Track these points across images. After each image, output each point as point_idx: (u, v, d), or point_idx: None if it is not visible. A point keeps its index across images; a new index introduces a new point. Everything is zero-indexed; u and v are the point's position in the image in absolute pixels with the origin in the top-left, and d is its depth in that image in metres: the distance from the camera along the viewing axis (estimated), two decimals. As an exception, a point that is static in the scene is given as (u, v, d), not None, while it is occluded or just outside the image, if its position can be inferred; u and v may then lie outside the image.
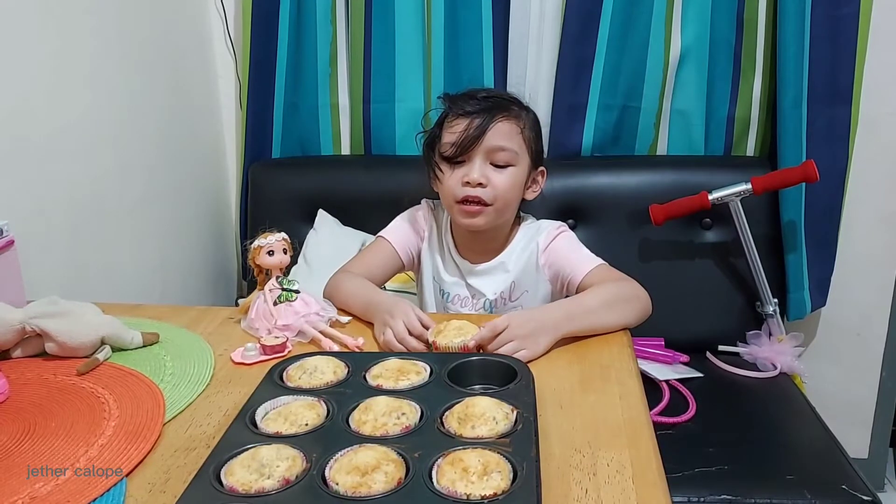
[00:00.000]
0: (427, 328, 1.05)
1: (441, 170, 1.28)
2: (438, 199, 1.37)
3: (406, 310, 1.07)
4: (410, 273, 1.49)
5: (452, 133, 1.25)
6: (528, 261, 1.32)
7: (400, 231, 1.39)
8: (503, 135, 1.24)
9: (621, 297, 1.14)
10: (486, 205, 1.25)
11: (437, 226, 1.39)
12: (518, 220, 1.37)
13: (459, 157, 1.25)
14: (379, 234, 1.41)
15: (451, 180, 1.26)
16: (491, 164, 1.25)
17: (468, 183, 1.24)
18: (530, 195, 1.33)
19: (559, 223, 1.36)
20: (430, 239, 1.39)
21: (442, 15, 1.78)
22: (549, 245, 1.31)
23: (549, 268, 1.31)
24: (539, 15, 1.84)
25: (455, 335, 1.02)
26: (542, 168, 1.34)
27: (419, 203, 1.42)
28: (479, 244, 1.34)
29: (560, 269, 1.29)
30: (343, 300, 1.20)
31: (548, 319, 1.05)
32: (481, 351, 1.00)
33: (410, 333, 1.05)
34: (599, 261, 1.26)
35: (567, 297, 1.26)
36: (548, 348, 1.03)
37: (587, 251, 1.29)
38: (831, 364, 1.97)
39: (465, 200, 1.25)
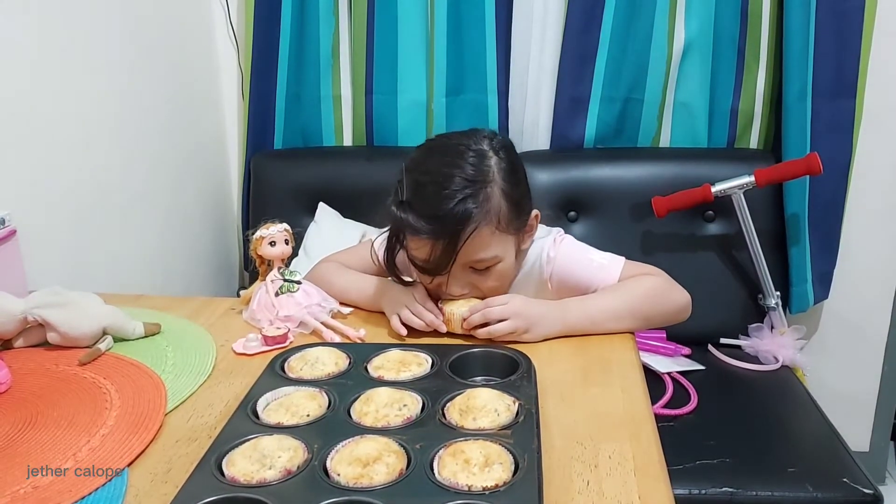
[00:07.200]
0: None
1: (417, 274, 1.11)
2: None
3: (418, 291, 1.08)
4: None
5: (417, 250, 1.06)
6: (533, 291, 1.17)
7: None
8: (477, 248, 1.04)
9: (634, 311, 1.06)
10: None
11: None
12: None
13: (434, 275, 1.07)
14: (373, 238, 1.28)
15: (431, 285, 1.10)
16: (472, 268, 1.07)
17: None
18: (526, 244, 1.16)
19: (553, 235, 1.19)
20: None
21: (445, 5, 1.77)
22: (553, 271, 1.15)
23: (560, 293, 1.15)
24: (542, 6, 1.84)
25: (461, 304, 1.05)
26: (534, 213, 1.14)
27: None
28: None
29: (578, 289, 1.13)
30: (340, 290, 1.17)
31: (548, 315, 1.04)
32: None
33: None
34: (620, 262, 1.13)
35: None
36: (536, 340, 1.02)
37: (599, 257, 1.15)
38: (833, 357, 1.97)
39: None
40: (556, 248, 1.16)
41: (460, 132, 1.13)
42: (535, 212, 1.15)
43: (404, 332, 1.04)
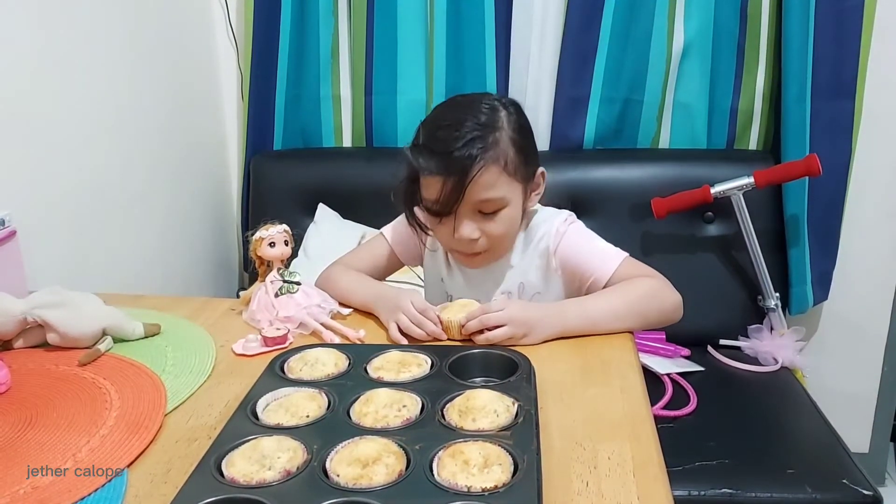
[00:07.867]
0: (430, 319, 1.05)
1: (427, 220, 1.17)
2: None
3: (415, 298, 1.08)
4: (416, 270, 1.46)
5: (428, 191, 1.11)
6: (539, 263, 1.21)
7: (400, 231, 1.31)
8: (485, 186, 1.08)
9: (633, 310, 1.08)
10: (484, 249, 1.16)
11: None
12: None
13: (443, 215, 1.13)
14: (381, 230, 1.34)
15: (440, 233, 1.16)
16: (480, 212, 1.12)
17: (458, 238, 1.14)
18: (533, 203, 1.20)
19: (565, 214, 1.22)
20: (433, 244, 1.30)
21: (444, 5, 1.77)
22: (560, 245, 1.18)
23: (563, 270, 1.19)
24: (542, 6, 1.84)
25: (458, 310, 1.05)
26: (540, 170, 1.19)
27: None
28: (482, 257, 1.24)
29: (577, 270, 1.17)
30: (341, 294, 1.18)
31: (545, 319, 1.04)
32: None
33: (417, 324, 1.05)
34: (622, 255, 1.16)
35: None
36: (536, 343, 1.02)
37: (603, 245, 1.18)
38: (832, 358, 1.97)
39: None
40: (565, 225, 1.20)
41: (474, 93, 1.20)
42: (541, 169, 1.19)
43: (404, 342, 1.04)
